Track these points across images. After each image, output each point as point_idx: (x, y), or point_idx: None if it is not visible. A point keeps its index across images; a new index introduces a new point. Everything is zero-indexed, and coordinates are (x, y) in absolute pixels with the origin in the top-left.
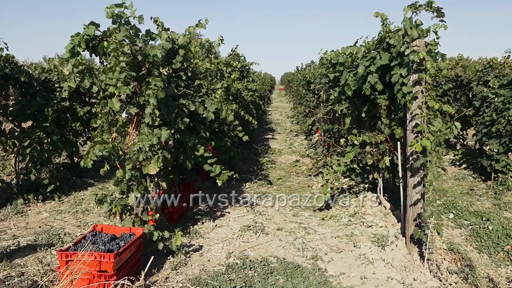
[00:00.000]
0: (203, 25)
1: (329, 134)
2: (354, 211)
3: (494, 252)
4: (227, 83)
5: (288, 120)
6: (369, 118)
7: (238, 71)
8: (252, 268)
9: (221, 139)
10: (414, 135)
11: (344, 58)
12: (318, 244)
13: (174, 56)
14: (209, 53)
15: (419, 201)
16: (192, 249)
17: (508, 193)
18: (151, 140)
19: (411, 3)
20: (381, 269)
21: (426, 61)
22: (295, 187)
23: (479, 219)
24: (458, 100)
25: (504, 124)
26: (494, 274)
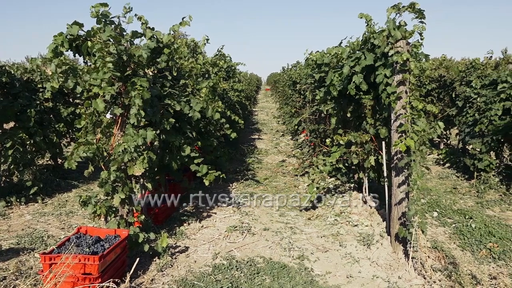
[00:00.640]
0: (187, 23)
1: (315, 134)
2: (340, 210)
3: (477, 250)
4: (213, 81)
5: (274, 120)
6: (354, 118)
7: (224, 71)
8: (238, 269)
9: (207, 139)
10: (398, 134)
11: (329, 59)
12: (305, 243)
13: (159, 56)
14: (195, 53)
15: (404, 200)
16: (178, 250)
17: (490, 192)
18: (136, 141)
19: (394, 4)
20: (366, 268)
21: (409, 62)
22: (282, 187)
23: (462, 217)
24: (441, 100)
25: (486, 124)
26: (477, 271)
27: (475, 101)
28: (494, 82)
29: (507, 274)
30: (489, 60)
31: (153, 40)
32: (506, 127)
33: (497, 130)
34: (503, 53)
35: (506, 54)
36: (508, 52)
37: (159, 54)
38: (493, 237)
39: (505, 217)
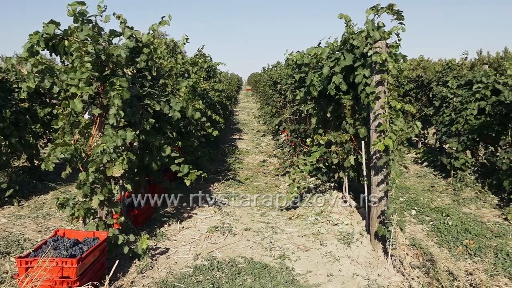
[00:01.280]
0: (166, 22)
1: (295, 134)
2: (321, 209)
3: (454, 246)
4: (192, 80)
5: (255, 120)
6: (334, 118)
7: (205, 71)
8: (219, 269)
9: (188, 139)
10: (377, 134)
11: (309, 59)
12: (286, 243)
13: (138, 55)
14: (174, 52)
15: (383, 198)
16: (158, 251)
17: (466, 190)
18: (116, 142)
19: (373, 5)
20: (347, 266)
21: (388, 62)
22: (263, 187)
23: (439, 215)
24: (419, 100)
25: (462, 123)
26: (454, 267)
27: (452, 101)
28: (470, 83)
29: (482, 270)
30: (465, 61)
31: (132, 39)
32: (481, 126)
33: (472, 129)
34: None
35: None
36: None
37: (138, 54)
38: (469, 234)
39: (481, 214)
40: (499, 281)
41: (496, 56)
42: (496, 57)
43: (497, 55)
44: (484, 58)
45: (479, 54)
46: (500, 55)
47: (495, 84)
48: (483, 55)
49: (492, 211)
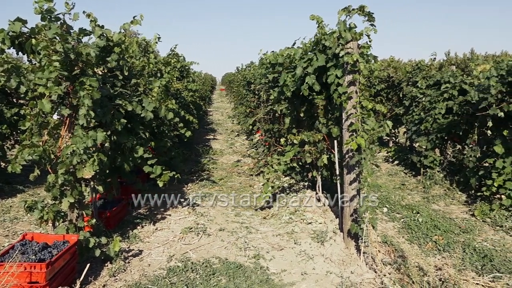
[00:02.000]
0: (138, 22)
1: (269, 133)
2: (295, 209)
3: (424, 243)
4: (165, 80)
5: (229, 121)
6: (307, 117)
7: (178, 71)
8: (194, 270)
9: (161, 139)
10: (349, 133)
11: (282, 59)
12: (260, 243)
13: (109, 55)
14: (146, 52)
15: (355, 197)
16: (131, 254)
17: (435, 187)
18: (86, 143)
19: (344, 6)
20: (320, 264)
21: (359, 63)
22: (237, 187)
23: (410, 212)
24: (390, 100)
25: (431, 122)
26: (424, 263)
27: (421, 101)
28: (438, 83)
29: (451, 264)
30: (433, 61)
31: (102, 38)
32: (449, 125)
33: (441, 128)
34: (446, 55)
35: (449, 56)
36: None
37: (109, 53)
38: (438, 230)
39: (449, 210)
40: (466, 275)
41: (463, 57)
42: (463, 58)
43: (464, 56)
44: (452, 59)
45: (447, 55)
46: (467, 56)
47: (462, 84)
48: (451, 56)
49: (460, 207)
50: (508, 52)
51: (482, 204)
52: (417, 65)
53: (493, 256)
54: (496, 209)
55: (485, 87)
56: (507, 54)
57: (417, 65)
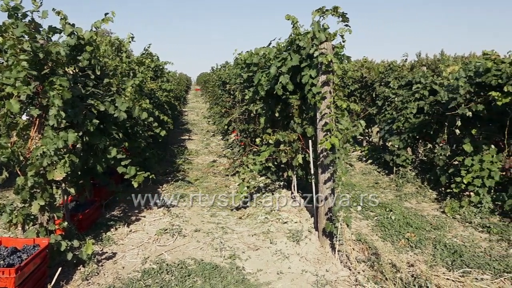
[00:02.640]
0: (110, 19)
1: (245, 133)
2: (270, 208)
3: (397, 240)
4: (139, 80)
5: (205, 121)
6: (282, 117)
7: (152, 71)
8: (169, 272)
9: (135, 140)
10: (323, 133)
11: (257, 59)
12: (236, 243)
13: (81, 53)
14: (119, 51)
15: (330, 196)
16: (105, 257)
17: (407, 185)
18: (57, 144)
19: (319, 7)
20: (296, 263)
21: (333, 63)
22: (213, 187)
23: (383, 210)
24: (363, 100)
25: (403, 122)
26: (397, 260)
27: (393, 101)
28: (410, 83)
29: (422, 261)
30: (405, 62)
31: (73, 36)
32: (420, 124)
33: (412, 128)
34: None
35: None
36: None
37: (80, 52)
38: (411, 227)
39: (421, 208)
40: (437, 271)
41: (434, 58)
42: (433, 59)
43: (435, 57)
44: (422, 60)
45: (418, 56)
46: (437, 58)
47: (432, 84)
48: (422, 57)
49: (431, 205)
50: (476, 53)
51: (452, 201)
52: (389, 65)
53: (462, 252)
54: (465, 206)
55: (454, 87)
56: (475, 56)
57: (389, 65)
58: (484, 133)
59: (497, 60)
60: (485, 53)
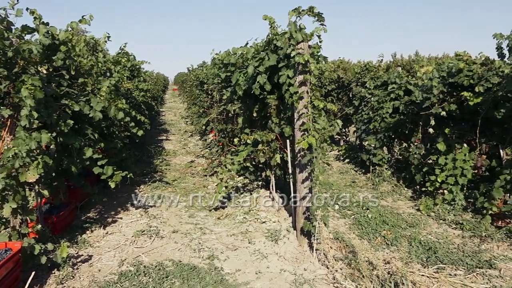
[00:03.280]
0: (87, 21)
1: (223, 133)
2: (249, 208)
3: (373, 238)
4: (115, 79)
5: (183, 121)
6: (260, 117)
7: (128, 70)
8: (146, 274)
9: (111, 141)
10: (301, 133)
11: (235, 59)
12: (214, 243)
13: (55, 53)
14: (95, 51)
15: (308, 195)
16: (80, 260)
17: (383, 184)
18: (29, 145)
19: (295, 7)
20: (274, 263)
21: (310, 63)
22: (191, 188)
23: (360, 209)
24: (340, 100)
25: (379, 122)
26: (373, 257)
27: (369, 101)
28: (385, 83)
29: (398, 258)
30: (381, 63)
31: (47, 36)
32: (395, 124)
33: (388, 127)
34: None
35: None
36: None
37: (55, 52)
38: (387, 225)
39: (397, 206)
40: (413, 268)
41: (409, 59)
42: (408, 59)
43: (409, 58)
44: (398, 60)
45: (394, 56)
46: (412, 58)
47: (407, 85)
48: (397, 58)
49: (407, 203)
50: (450, 54)
51: (426, 199)
52: (365, 66)
53: (437, 248)
54: (439, 204)
55: (428, 87)
56: (448, 56)
57: (365, 66)
58: (457, 132)
59: (469, 61)
60: (458, 54)
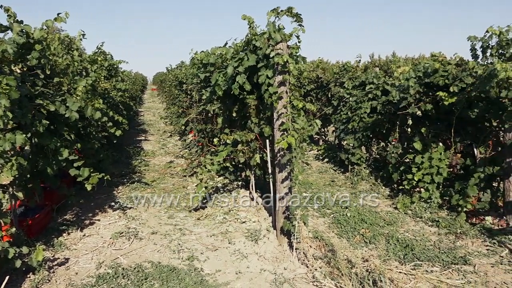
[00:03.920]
0: (62, 19)
1: (202, 134)
2: (229, 208)
3: (352, 236)
4: (91, 79)
5: (162, 121)
6: (240, 117)
7: (106, 70)
8: (125, 276)
9: (88, 141)
10: (280, 133)
11: (214, 59)
12: (194, 244)
13: (29, 52)
14: (70, 49)
15: (287, 194)
16: (56, 263)
17: (362, 183)
18: (3, 146)
19: (273, 8)
20: (254, 263)
21: (289, 64)
22: (170, 189)
23: (339, 208)
24: (319, 100)
25: (357, 121)
26: (352, 255)
27: (348, 101)
28: (363, 83)
29: (376, 255)
30: (359, 63)
31: (21, 35)
32: (373, 124)
33: (366, 127)
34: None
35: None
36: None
37: (29, 50)
38: (365, 224)
39: (375, 204)
40: (390, 265)
41: (386, 59)
42: (386, 60)
43: (387, 58)
44: (375, 61)
45: (371, 57)
46: (389, 59)
47: (384, 85)
48: (374, 58)
49: (384, 201)
50: (426, 55)
51: (403, 197)
52: (343, 66)
53: (414, 246)
54: (416, 202)
55: (405, 87)
56: (424, 57)
57: (343, 66)
58: (433, 131)
59: (444, 61)
60: (433, 54)
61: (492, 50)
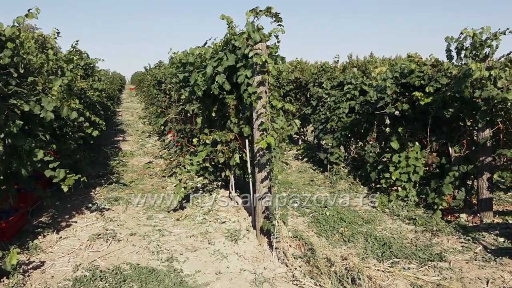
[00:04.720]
0: (34, 15)
1: (182, 134)
2: (209, 209)
3: (331, 235)
4: (67, 79)
5: (140, 121)
6: (219, 117)
7: (82, 69)
8: (103, 279)
9: (64, 142)
10: (260, 132)
11: (193, 59)
12: (174, 245)
13: (1, 50)
14: (44, 48)
15: (267, 194)
16: (31, 266)
17: (341, 182)
18: None
19: (252, 8)
20: (234, 263)
21: (268, 64)
22: (149, 189)
23: (318, 207)
24: (298, 100)
25: (336, 121)
26: (331, 254)
27: (327, 101)
28: (341, 84)
29: (355, 254)
30: (337, 63)
31: None
32: (352, 123)
33: (345, 127)
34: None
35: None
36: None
37: (1, 49)
38: (344, 222)
39: (354, 203)
40: (369, 263)
41: (364, 60)
42: (363, 60)
43: (365, 59)
44: (353, 61)
45: (350, 57)
46: (367, 59)
47: (362, 85)
48: (353, 59)
49: (363, 200)
50: (402, 56)
51: (381, 196)
52: (322, 67)
53: (391, 244)
54: (393, 200)
55: (382, 87)
56: (401, 58)
57: (322, 67)
58: (410, 131)
59: (420, 62)
60: (410, 55)
61: (466, 51)
